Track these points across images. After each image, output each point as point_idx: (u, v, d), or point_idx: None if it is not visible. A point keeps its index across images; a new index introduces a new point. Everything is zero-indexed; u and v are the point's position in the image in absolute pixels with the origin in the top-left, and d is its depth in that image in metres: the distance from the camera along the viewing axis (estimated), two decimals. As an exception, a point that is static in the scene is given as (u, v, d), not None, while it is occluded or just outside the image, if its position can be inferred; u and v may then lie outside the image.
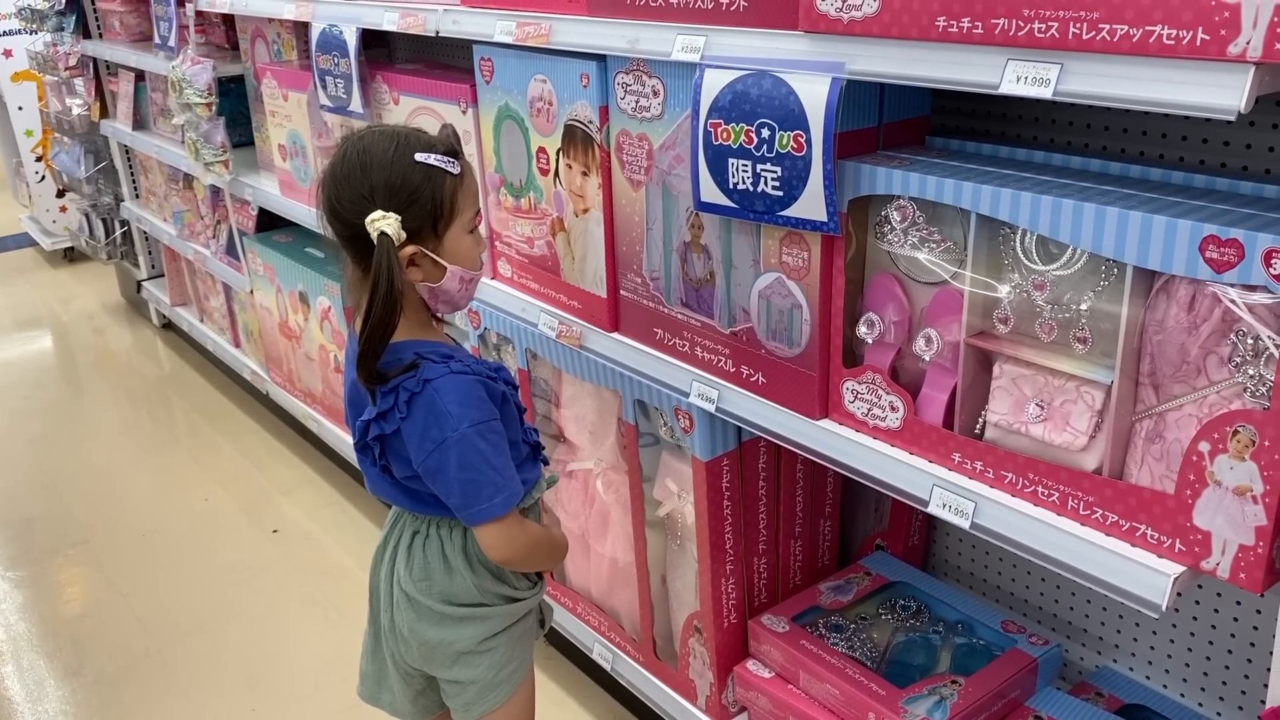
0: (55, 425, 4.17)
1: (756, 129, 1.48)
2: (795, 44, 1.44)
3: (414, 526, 1.65)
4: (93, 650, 2.79)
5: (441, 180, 1.47)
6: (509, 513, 1.53)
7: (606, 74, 1.82)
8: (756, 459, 1.89)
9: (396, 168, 1.45)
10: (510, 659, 1.71)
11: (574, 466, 2.28)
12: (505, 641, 1.69)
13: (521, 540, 1.58)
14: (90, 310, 5.44)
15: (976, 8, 1.21)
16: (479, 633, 1.66)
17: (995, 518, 1.38)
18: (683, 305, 1.80)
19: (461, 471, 1.48)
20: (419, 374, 1.48)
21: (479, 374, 1.52)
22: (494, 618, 1.66)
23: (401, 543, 1.66)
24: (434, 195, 1.47)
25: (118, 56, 4.18)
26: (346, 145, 1.50)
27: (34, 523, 3.44)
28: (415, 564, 1.64)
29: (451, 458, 1.48)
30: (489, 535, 1.55)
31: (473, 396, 1.50)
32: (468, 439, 1.48)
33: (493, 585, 1.66)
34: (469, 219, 1.52)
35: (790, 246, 1.55)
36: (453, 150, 1.51)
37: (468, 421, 1.48)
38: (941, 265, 1.43)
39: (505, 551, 1.57)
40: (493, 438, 1.51)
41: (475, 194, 1.54)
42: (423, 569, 1.64)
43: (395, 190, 1.45)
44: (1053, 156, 1.46)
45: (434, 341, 1.56)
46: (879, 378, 1.50)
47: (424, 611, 1.64)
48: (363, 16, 2.43)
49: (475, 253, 1.55)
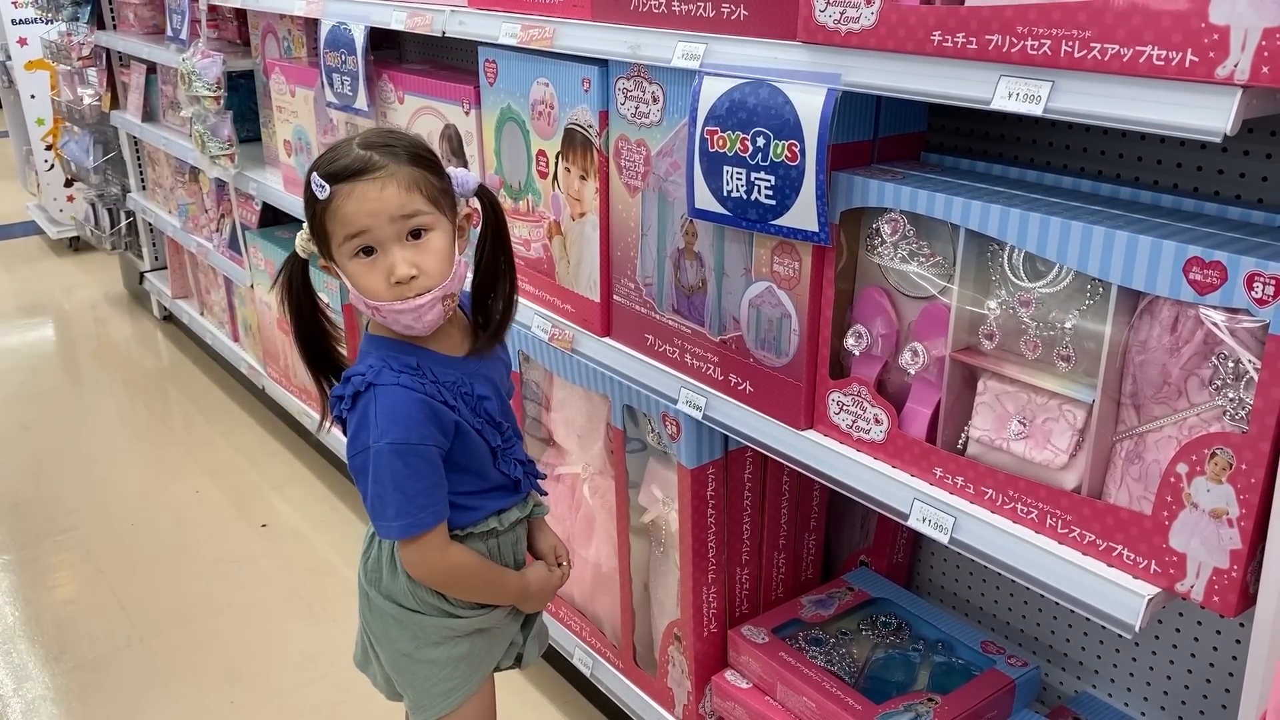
0: (51, 412, 4.17)
1: (752, 137, 1.49)
2: (793, 54, 1.45)
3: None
4: (75, 637, 2.79)
5: (313, 202, 1.46)
6: (420, 536, 1.52)
7: (608, 79, 1.83)
8: (742, 468, 1.89)
9: (305, 183, 1.49)
10: (450, 677, 1.67)
11: (562, 470, 2.28)
12: (445, 657, 1.66)
13: (437, 566, 1.57)
14: (92, 300, 5.45)
15: (971, 23, 1.22)
16: (416, 638, 1.65)
17: (974, 533, 1.38)
18: (674, 312, 1.81)
19: (374, 484, 1.49)
20: (368, 375, 1.48)
21: (430, 395, 1.49)
22: (429, 628, 1.64)
23: (369, 534, 1.68)
24: (311, 217, 1.49)
25: (130, 48, 4.20)
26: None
27: (23, 508, 3.44)
28: (370, 558, 1.67)
29: (370, 466, 1.48)
30: (402, 551, 1.57)
31: (406, 414, 1.48)
32: (384, 455, 1.47)
33: (426, 595, 1.63)
34: (340, 245, 1.46)
35: (782, 256, 1.55)
36: (344, 173, 1.43)
37: (389, 438, 1.46)
38: (930, 280, 1.44)
39: (418, 571, 1.58)
40: (414, 461, 1.48)
41: (346, 220, 1.44)
42: (375, 564, 1.66)
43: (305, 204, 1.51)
44: (1044, 176, 1.46)
45: (413, 347, 1.54)
46: (865, 390, 1.50)
47: (374, 605, 1.67)
48: (371, 15, 2.45)
49: (368, 281, 1.46)
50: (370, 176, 1.43)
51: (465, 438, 1.55)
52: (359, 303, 1.50)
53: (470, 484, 1.59)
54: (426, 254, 1.47)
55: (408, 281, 1.45)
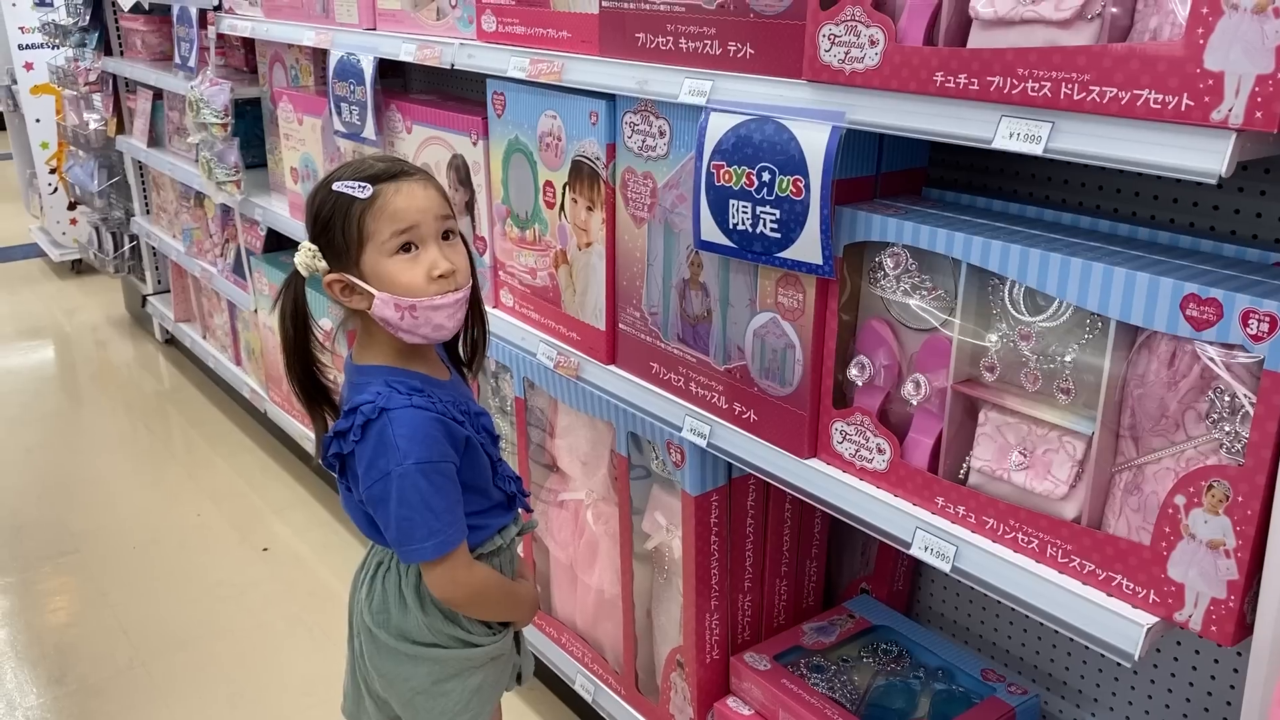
0: (52, 435, 4.19)
1: (758, 172, 1.52)
2: (798, 92, 1.49)
3: (379, 557, 1.66)
4: (76, 659, 2.80)
5: (349, 205, 1.47)
6: (449, 555, 1.51)
7: (615, 113, 1.86)
8: (746, 496, 1.92)
9: (316, 198, 1.51)
10: (466, 708, 1.67)
11: (565, 496, 2.30)
12: (460, 688, 1.66)
13: (466, 584, 1.57)
14: (94, 322, 5.48)
15: (973, 65, 1.25)
16: (432, 673, 1.63)
17: (975, 562, 1.40)
18: (679, 341, 1.84)
19: (399, 508, 1.47)
20: (378, 401, 1.48)
21: (441, 413, 1.50)
22: (447, 660, 1.64)
23: (367, 573, 1.67)
24: (343, 222, 1.48)
25: (137, 74, 4.24)
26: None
27: (25, 530, 3.45)
28: (375, 597, 1.64)
29: (392, 492, 1.47)
30: (429, 574, 1.55)
31: (425, 434, 1.48)
32: (409, 476, 1.46)
33: (444, 626, 1.62)
34: (385, 242, 1.47)
35: (786, 288, 1.58)
36: (384, 175, 1.49)
37: (413, 458, 1.46)
38: (932, 313, 1.47)
39: (447, 592, 1.56)
40: (438, 479, 1.49)
41: (396, 215, 1.47)
42: (381, 603, 1.63)
43: (314, 220, 1.51)
44: (1044, 212, 1.49)
45: (411, 371, 1.55)
46: (868, 420, 1.53)
47: (380, 645, 1.64)
48: (380, 46, 2.49)
49: (409, 276, 1.48)
50: (412, 177, 1.50)
51: (473, 453, 1.57)
52: (386, 307, 1.48)
53: (476, 503, 1.60)
54: (458, 254, 1.54)
55: (450, 275, 1.49)
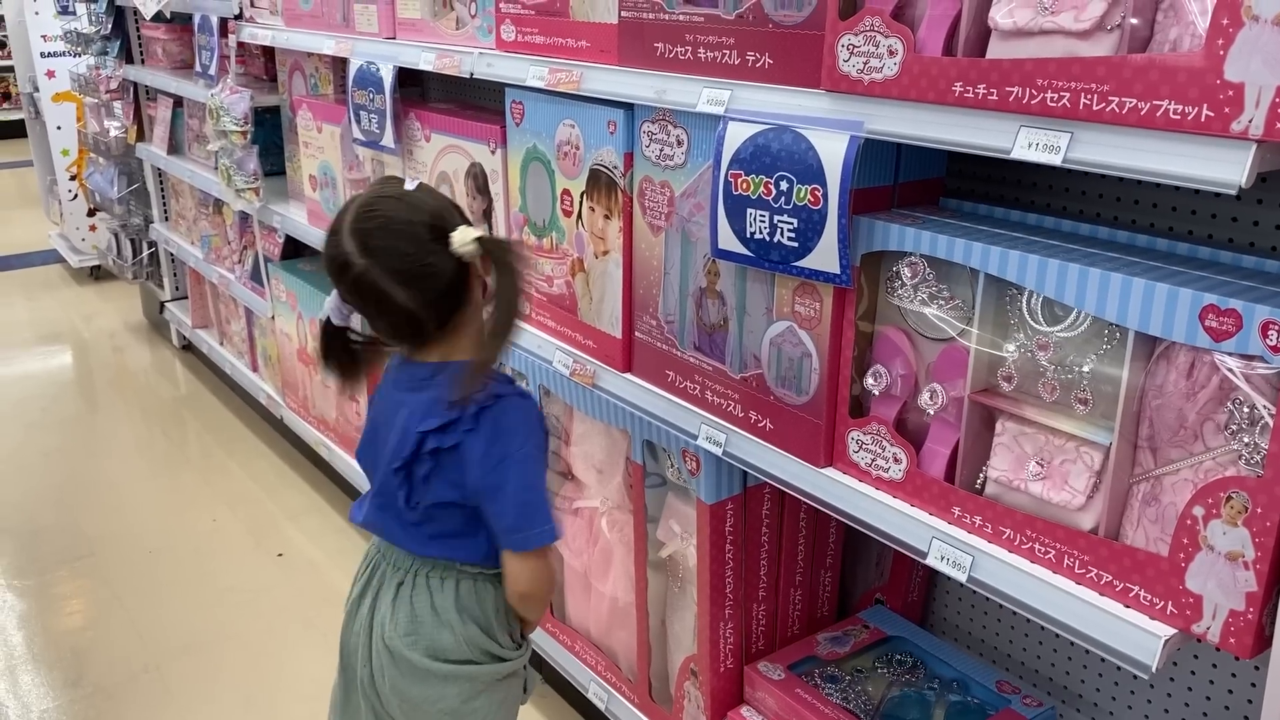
0: (70, 439, 4.21)
1: (775, 181, 1.52)
2: (817, 102, 1.49)
3: (396, 578, 1.62)
4: (92, 662, 2.81)
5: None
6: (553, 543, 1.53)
7: (633, 122, 1.87)
8: (761, 505, 1.92)
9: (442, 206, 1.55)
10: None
11: (580, 504, 2.30)
12: (488, 705, 1.64)
13: (547, 573, 1.57)
14: (112, 328, 5.51)
15: (992, 75, 1.26)
16: (463, 692, 1.60)
17: (992, 572, 1.40)
18: (695, 349, 1.84)
19: (522, 492, 1.48)
20: (490, 389, 1.48)
21: (535, 400, 1.51)
22: (479, 677, 1.61)
23: (384, 596, 1.62)
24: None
25: (158, 82, 4.28)
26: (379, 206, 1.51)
27: (42, 534, 3.47)
28: (401, 617, 1.60)
29: (511, 476, 1.47)
30: (528, 562, 1.52)
31: (535, 421, 1.53)
32: (531, 460, 1.49)
33: (480, 640, 1.60)
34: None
35: (803, 297, 1.58)
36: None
37: (533, 442, 1.50)
38: (949, 322, 1.47)
39: (535, 584, 1.55)
40: (545, 467, 1.53)
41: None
42: (409, 622, 1.59)
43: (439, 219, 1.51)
44: (1062, 222, 1.50)
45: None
46: (884, 429, 1.53)
47: (408, 668, 1.59)
48: (400, 55, 2.51)
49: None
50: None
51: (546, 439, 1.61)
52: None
53: None
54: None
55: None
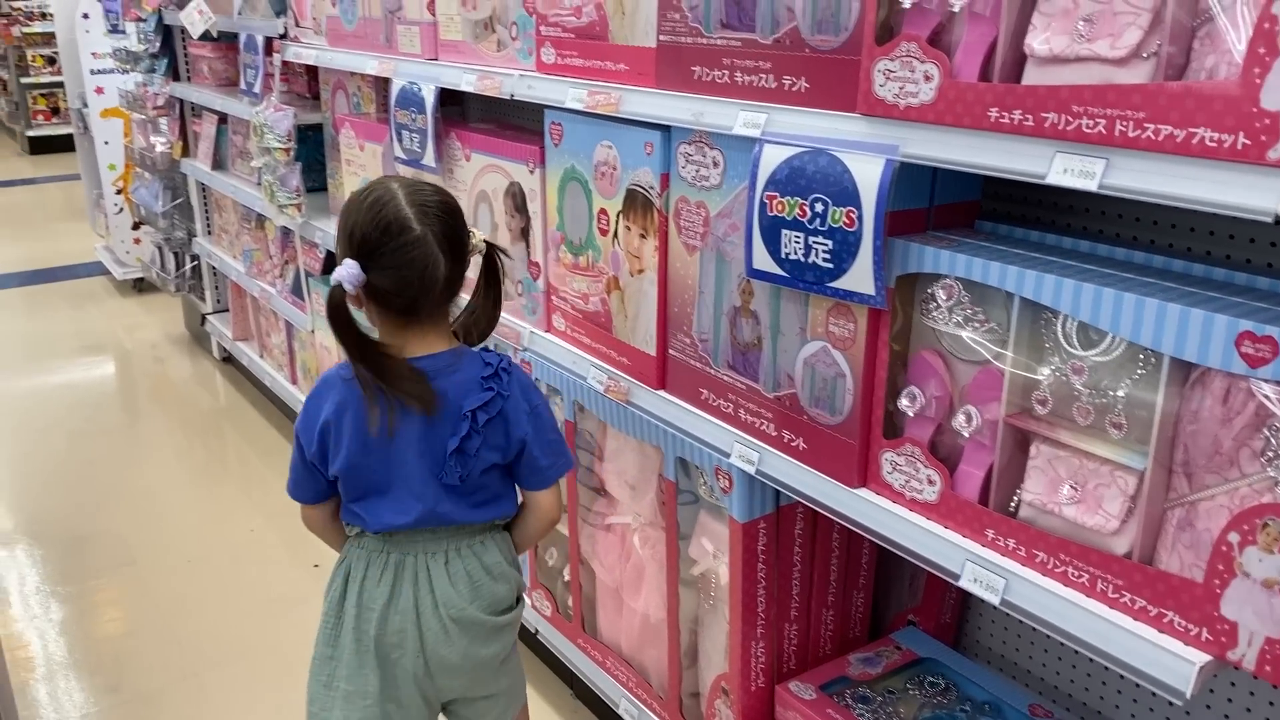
0: (112, 449, 4.29)
1: (810, 203, 1.54)
2: (852, 125, 1.51)
3: (439, 558, 1.70)
4: (132, 669, 2.86)
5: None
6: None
7: (670, 143, 1.90)
8: (793, 524, 1.93)
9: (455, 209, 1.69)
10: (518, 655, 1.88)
11: (612, 520, 2.32)
12: (515, 641, 1.85)
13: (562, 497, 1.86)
14: (154, 340, 5.61)
15: (1028, 101, 1.27)
16: (509, 636, 1.80)
17: (1025, 595, 1.40)
18: (729, 368, 1.85)
19: (550, 433, 1.73)
20: (499, 362, 1.69)
21: None
22: (516, 618, 1.81)
23: (422, 581, 1.69)
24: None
25: (204, 99, 4.37)
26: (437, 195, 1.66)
27: (85, 542, 3.54)
28: (462, 587, 1.71)
29: (542, 423, 1.71)
30: (556, 492, 1.78)
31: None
32: (545, 406, 1.74)
33: (518, 581, 1.81)
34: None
35: (837, 317, 1.60)
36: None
37: (539, 393, 1.73)
38: (984, 345, 1.48)
39: (559, 509, 1.81)
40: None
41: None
42: (469, 587, 1.71)
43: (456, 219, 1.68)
44: (1098, 246, 1.50)
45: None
46: (918, 450, 1.54)
47: (479, 630, 1.72)
48: (442, 76, 2.55)
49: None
50: None
51: None
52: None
53: None
54: None
55: None
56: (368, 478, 1.67)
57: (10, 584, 3.30)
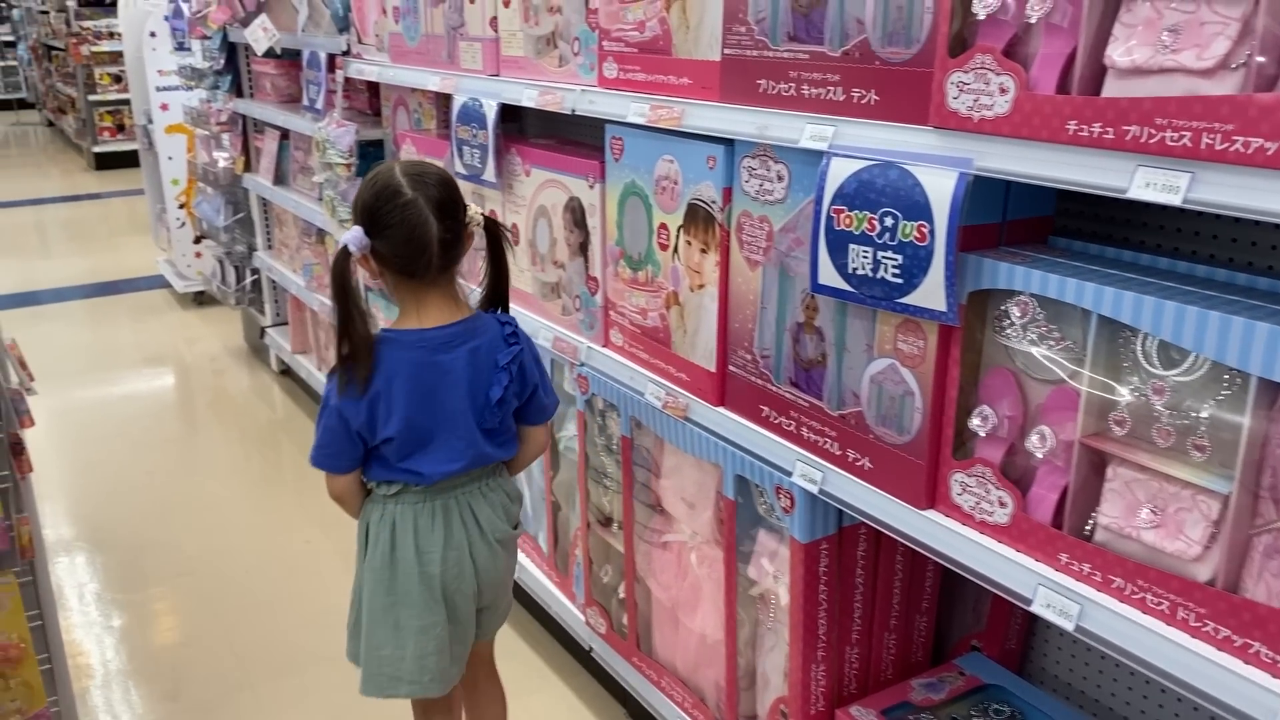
0: (171, 459, 4.35)
1: (880, 217, 1.52)
2: (923, 138, 1.48)
3: (480, 491, 1.98)
4: (190, 678, 2.88)
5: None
6: None
7: (733, 157, 1.88)
8: (856, 545, 1.89)
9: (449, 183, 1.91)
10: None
11: (669, 538, 2.30)
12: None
13: None
14: (213, 352, 5.69)
15: (1108, 114, 1.24)
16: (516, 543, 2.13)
17: (1101, 622, 1.36)
18: (791, 385, 1.83)
19: (547, 377, 2.05)
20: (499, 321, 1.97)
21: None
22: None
23: (468, 517, 1.96)
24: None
25: (266, 115, 4.44)
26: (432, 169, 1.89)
27: (145, 550, 3.59)
28: (500, 511, 2.01)
29: (543, 368, 2.04)
30: (544, 428, 2.10)
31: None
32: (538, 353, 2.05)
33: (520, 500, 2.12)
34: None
35: (906, 334, 1.57)
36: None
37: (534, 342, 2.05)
38: (1059, 363, 1.44)
39: (547, 438, 2.23)
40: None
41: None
42: (503, 511, 2.03)
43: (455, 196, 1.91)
44: (1177, 263, 1.46)
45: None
46: (989, 471, 1.50)
47: (511, 545, 2.06)
48: (503, 92, 2.56)
49: None
50: None
51: None
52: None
53: None
54: None
55: None
56: (420, 434, 1.89)
57: (71, 591, 3.35)
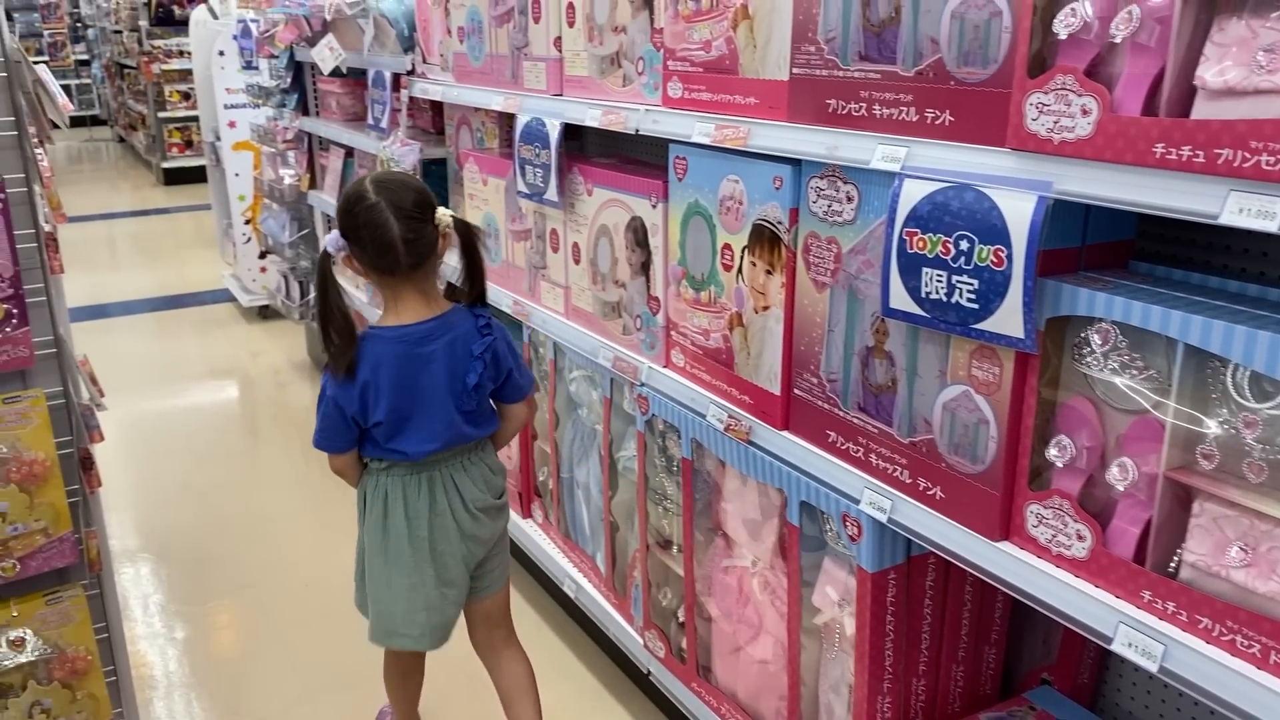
0: (234, 471, 4.41)
1: (955, 240, 1.48)
2: (1000, 160, 1.44)
3: (462, 467, 2.20)
4: (250, 692, 2.91)
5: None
6: None
7: (800, 178, 1.85)
8: (924, 575, 1.84)
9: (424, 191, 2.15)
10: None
11: (730, 563, 2.27)
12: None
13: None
14: (277, 365, 5.77)
15: (1199, 136, 1.19)
16: (509, 510, 2.36)
17: (1185, 663, 1.30)
18: (860, 410, 1.79)
19: (520, 360, 2.28)
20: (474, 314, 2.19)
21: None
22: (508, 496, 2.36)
23: (450, 488, 2.19)
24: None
25: (331, 134, 4.49)
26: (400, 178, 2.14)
27: (208, 562, 3.63)
28: (481, 484, 2.23)
29: (515, 354, 2.25)
30: (530, 403, 2.50)
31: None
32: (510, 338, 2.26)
33: (504, 470, 2.35)
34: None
35: (981, 361, 1.52)
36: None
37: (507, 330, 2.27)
38: (1142, 393, 1.39)
39: (527, 412, 2.56)
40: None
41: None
42: (486, 482, 2.25)
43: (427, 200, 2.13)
44: (1268, 290, 1.40)
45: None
46: (1067, 504, 1.45)
47: (495, 512, 2.29)
48: (566, 112, 2.56)
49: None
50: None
51: None
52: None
53: None
54: None
55: None
56: (404, 417, 2.11)
57: (135, 602, 3.40)
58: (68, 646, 2.17)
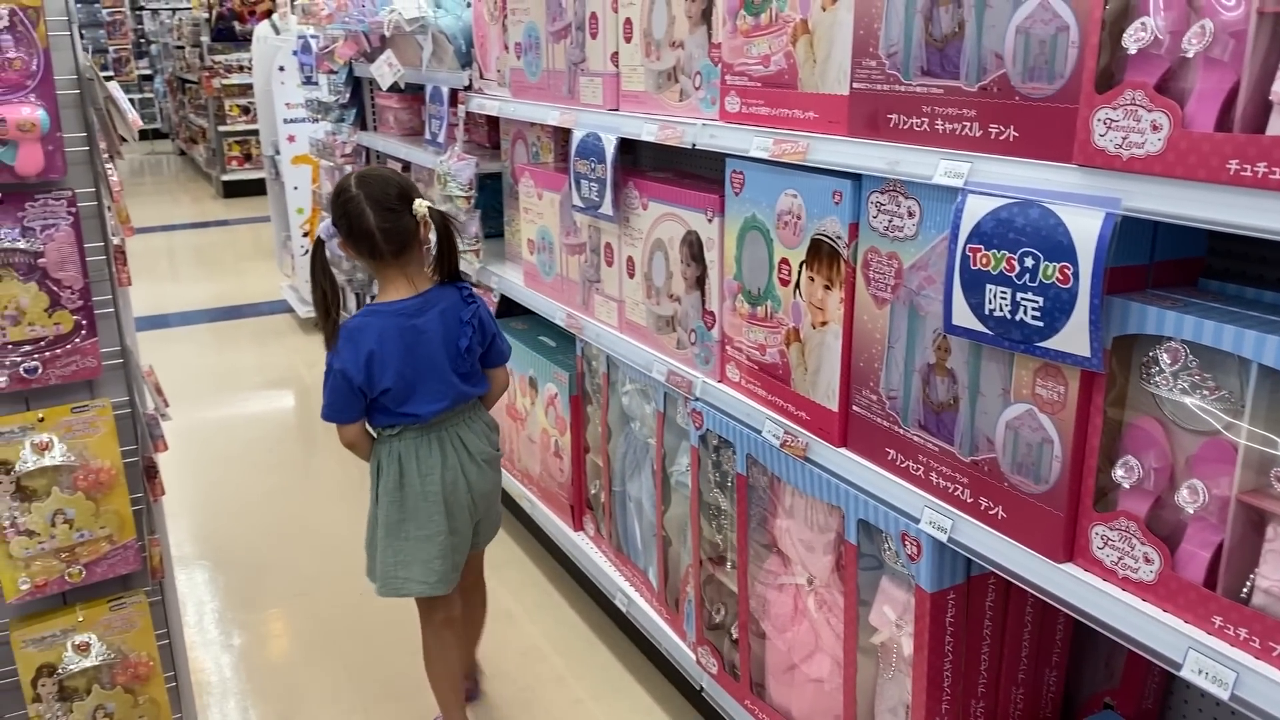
0: (290, 480, 4.47)
1: (1019, 257, 1.46)
2: (1066, 176, 1.42)
3: (465, 422, 2.47)
4: (305, 700, 2.93)
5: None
6: None
7: (860, 192, 1.84)
8: (984, 596, 1.82)
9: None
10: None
11: (785, 580, 2.25)
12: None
13: None
14: (332, 376, 5.83)
15: (1275, 153, 1.16)
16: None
17: (1259, 691, 1.27)
18: (920, 427, 1.77)
19: (499, 327, 2.54)
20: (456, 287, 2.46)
21: None
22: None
23: (457, 444, 2.44)
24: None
25: (389, 148, 4.55)
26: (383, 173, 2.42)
27: (264, 570, 3.68)
28: (480, 437, 2.50)
29: (495, 321, 2.52)
30: (506, 369, 2.61)
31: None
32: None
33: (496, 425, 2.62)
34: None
35: (1046, 379, 1.50)
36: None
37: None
38: (1214, 414, 1.36)
39: (508, 378, 2.69)
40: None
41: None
42: (485, 436, 2.52)
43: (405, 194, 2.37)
44: (1346, 310, 1.36)
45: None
46: (1134, 526, 1.42)
47: (496, 463, 2.56)
48: (622, 127, 2.57)
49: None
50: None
51: None
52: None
53: None
54: None
55: None
56: (411, 383, 2.35)
57: (193, 608, 3.45)
58: (130, 652, 2.21)
